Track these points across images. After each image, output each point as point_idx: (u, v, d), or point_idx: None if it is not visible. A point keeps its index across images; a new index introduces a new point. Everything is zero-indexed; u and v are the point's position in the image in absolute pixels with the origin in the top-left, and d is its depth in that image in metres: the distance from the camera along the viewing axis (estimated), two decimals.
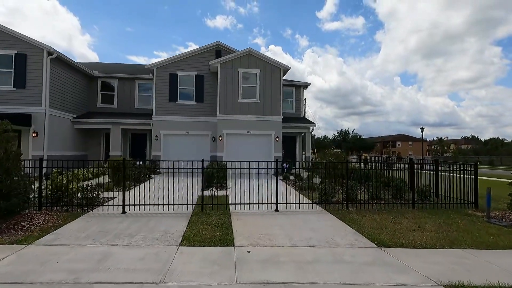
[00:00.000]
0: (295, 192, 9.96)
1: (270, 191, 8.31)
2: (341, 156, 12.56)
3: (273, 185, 8.37)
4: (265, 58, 16.72)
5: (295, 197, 8.58)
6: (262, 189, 8.17)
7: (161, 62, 17.00)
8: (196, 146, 17.33)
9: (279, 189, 8.06)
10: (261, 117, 16.62)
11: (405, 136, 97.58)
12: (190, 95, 17.42)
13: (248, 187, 8.69)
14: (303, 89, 20.72)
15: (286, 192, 9.12)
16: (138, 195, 8.30)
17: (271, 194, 8.13)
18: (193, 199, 8.37)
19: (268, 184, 8.81)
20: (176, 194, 8.08)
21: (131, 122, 17.27)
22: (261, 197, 8.29)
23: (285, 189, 10.03)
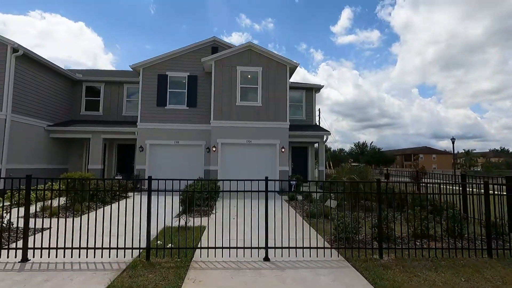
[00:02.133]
0: (301, 221, 7.02)
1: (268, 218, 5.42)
2: (365, 171, 9.52)
3: (275, 209, 5.48)
4: (268, 54, 14.11)
5: (300, 231, 5.63)
6: (258, 215, 5.32)
7: (148, 62, 14.74)
8: (187, 158, 14.69)
9: (279, 216, 5.23)
10: (264, 123, 13.85)
11: (428, 148, 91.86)
12: (182, 99, 14.96)
13: (240, 212, 5.82)
14: (315, 92, 17.87)
15: (289, 221, 6.18)
16: (79, 226, 5.57)
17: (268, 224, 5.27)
18: (157, 230, 5.58)
19: (269, 207, 5.89)
20: (136, 224, 5.26)
21: (113, 131, 14.93)
22: (254, 229, 5.37)
23: (289, 215, 7.09)
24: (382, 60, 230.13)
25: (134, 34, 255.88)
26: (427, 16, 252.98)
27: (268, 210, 5.14)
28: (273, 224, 5.31)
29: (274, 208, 5.53)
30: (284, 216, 7.14)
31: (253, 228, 5.34)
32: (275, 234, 5.33)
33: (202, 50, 15.08)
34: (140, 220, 4.97)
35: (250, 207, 5.44)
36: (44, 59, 13.72)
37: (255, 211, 5.43)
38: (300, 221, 7.36)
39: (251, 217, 5.39)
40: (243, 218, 5.68)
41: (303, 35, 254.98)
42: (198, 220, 7.61)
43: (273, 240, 5.27)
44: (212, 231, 5.96)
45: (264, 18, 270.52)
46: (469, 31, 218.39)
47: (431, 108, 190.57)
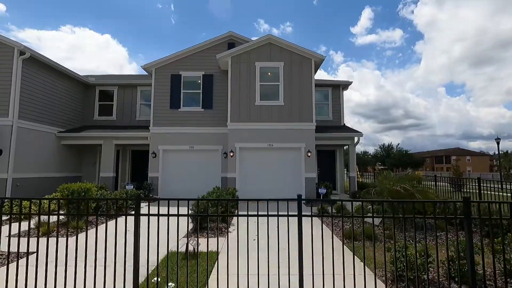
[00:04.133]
0: (341, 247, 5.35)
1: (295, 240, 3.84)
2: (417, 179, 7.67)
3: (303, 226, 3.86)
4: (290, 47, 12.63)
5: (341, 264, 3.95)
6: (284, 235, 3.79)
7: (161, 61, 13.71)
8: (203, 164, 13.44)
9: (310, 238, 3.66)
10: (287, 124, 12.32)
11: (461, 150, 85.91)
12: (196, 101, 13.78)
13: (262, 229, 4.30)
14: (343, 89, 16.11)
15: (323, 245, 4.34)
16: (64, 251, 4.30)
17: (295, 249, 3.74)
18: (158, 259, 4.15)
19: (295, 223, 4.20)
20: (141, 247, 3.89)
21: (125, 136, 14.01)
22: (281, 255, 3.80)
23: (320, 236, 5.37)
24: (405, 60, 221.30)
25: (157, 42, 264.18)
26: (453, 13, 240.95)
27: (301, 238, 3.61)
28: (307, 253, 3.77)
29: (300, 226, 3.93)
30: (317, 237, 5.32)
31: (281, 256, 3.81)
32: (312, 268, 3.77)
33: (218, 46, 13.85)
34: (163, 236, 3.60)
35: (274, 222, 3.87)
36: (53, 62, 13.07)
37: (282, 226, 3.86)
38: (339, 247, 5.66)
39: (279, 233, 3.81)
40: (262, 239, 4.12)
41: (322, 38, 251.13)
42: (212, 243, 6.21)
43: (311, 278, 3.73)
44: (224, 257, 4.40)
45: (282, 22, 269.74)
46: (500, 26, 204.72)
47: (460, 107, 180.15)
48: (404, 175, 7.93)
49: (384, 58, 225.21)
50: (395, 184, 7.35)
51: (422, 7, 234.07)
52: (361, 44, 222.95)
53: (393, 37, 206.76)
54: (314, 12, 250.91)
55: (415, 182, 7.62)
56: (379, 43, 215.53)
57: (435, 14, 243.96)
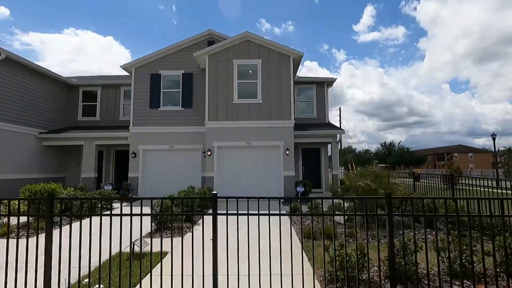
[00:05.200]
0: (298, 245, 5.16)
1: (265, 241, 3.70)
2: (382, 175, 7.49)
3: (270, 226, 3.68)
4: (268, 44, 12.47)
5: (289, 262, 3.78)
6: (244, 234, 3.67)
7: (140, 60, 13.64)
8: (184, 164, 13.34)
9: (270, 236, 3.51)
10: (265, 122, 12.18)
11: (463, 146, 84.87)
12: (176, 100, 13.68)
13: (231, 228, 4.16)
14: (327, 86, 15.90)
15: (281, 244, 4.12)
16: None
17: (262, 251, 3.64)
18: (100, 260, 3.96)
19: (266, 222, 3.96)
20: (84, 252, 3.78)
21: (106, 137, 13.96)
22: (232, 255, 3.69)
23: (286, 235, 5.13)
24: (409, 57, 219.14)
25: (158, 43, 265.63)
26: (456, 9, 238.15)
27: (216, 237, 3.48)
28: (256, 251, 3.65)
29: (268, 225, 3.79)
30: (276, 236, 5.08)
31: (232, 256, 3.70)
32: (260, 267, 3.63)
33: (198, 45, 13.72)
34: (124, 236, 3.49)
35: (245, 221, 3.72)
36: (32, 63, 13.06)
37: (245, 228, 3.72)
38: (296, 244, 5.49)
39: (238, 240, 3.70)
40: (224, 240, 3.95)
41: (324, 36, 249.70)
42: (166, 241, 6.11)
43: (246, 278, 3.60)
44: (175, 260, 4.24)
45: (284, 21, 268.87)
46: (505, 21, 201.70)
47: (464, 104, 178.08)
48: (369, 171, 7.72)
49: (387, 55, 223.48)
50: (358, 180, 7.17)
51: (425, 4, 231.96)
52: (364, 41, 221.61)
53: (396, 34, 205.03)
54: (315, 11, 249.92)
55: (383, 179, 7.42)
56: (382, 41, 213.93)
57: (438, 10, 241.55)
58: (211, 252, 3.55)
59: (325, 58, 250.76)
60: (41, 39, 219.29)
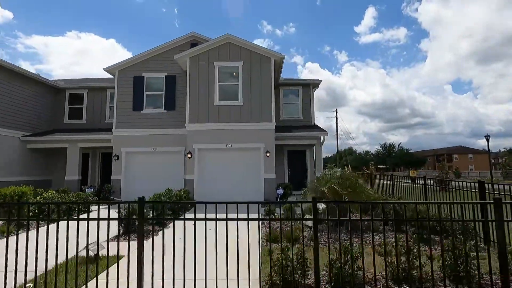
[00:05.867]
0: (256, 250, 4.96)
1: (232, 245, 3.81)
2: (352, 179, 7.40)
3: (238, 230, 3.65)
4: (249, 46, 12.47)
5: (243, 267, 3.73)
6: (220, 239, 3.67)
7: (123, 63, 13.69)
8: (166, 166, 13.33)
9: (238, 240, 3.48)
10: (246, 124, 12.15)
11: (464, 148, 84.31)
12: (159, 102, 13.69)
13: (199, 233, 4.10)
14: (313, 88, 15.87)
15: (238, 249, 3.99)
16: None
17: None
18: (56, 265, 3.96)
19: (233, 227, 3.93)
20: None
21: (90, 139, 13.99)
22: (189, 259, 3.69)
23: (252, 239, 5.00)
24: (410, 58, 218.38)
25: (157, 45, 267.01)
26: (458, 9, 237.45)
27: None
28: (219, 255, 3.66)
29: (236, 229, 3.78)
30: (243, 240, 4.84)
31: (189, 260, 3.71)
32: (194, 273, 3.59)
33: (182, 47, 13.74)
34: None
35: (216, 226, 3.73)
36: (15, 67, 13.15)
37: (212, 232, 3.72)
38: (254, 250, 5.36)
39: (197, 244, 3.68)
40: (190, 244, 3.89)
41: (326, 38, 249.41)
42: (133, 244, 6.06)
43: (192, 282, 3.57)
44: (134, 263, 4.16)
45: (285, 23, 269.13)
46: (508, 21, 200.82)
47: (467, 105, 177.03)
48: (339, 174, 7.67)
49: (389, 56, 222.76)
50: (325, 184, 7.12)
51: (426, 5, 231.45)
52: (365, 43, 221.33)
53: (398, 35, 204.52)
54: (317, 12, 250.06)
55: (350, 182, 7.35)
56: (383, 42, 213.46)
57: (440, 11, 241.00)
58: (172, 256, 3.57)
59: (327, 60, 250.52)
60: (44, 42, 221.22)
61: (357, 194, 7.22)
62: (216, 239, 3.71)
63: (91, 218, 3.70)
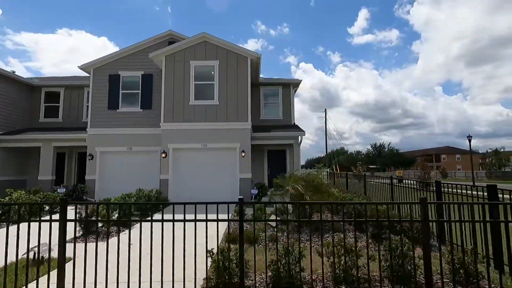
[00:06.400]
0: (204, 254, 4.88)
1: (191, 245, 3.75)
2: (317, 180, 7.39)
3: (206, 231, 3.66)
4: (226, 45, 12.38)
5: (188, 269, 3.66)
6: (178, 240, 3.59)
7: (99, 61, 13.45)
8: (142, 166, 13.14)
9: (201, 242, 3.36)
10: (222, 124, 12.06)
11: (451, 148, 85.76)
12: (136, 101, 13.50)
13: (167, 233, 3.94)
14: (293, 88, 15.86)
15: (196, 250, 3.86)
16: None
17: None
18: None
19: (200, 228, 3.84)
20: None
21: (64, 138, 13.72)
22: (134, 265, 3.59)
23: (210, 239, 4.83)
24: (402, 59, 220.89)
25: None
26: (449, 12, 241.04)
27: None
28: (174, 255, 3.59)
29: (206, 230, 3.72)
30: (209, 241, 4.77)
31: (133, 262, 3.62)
32: None
33: (159, 45, 13.56)
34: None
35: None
36: None
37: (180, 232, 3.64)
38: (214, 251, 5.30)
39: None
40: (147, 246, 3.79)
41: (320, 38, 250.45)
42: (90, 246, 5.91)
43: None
44: (83, 266, 3.99)
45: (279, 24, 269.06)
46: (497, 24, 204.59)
47: (457, 106, 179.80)
48: (305, 176, 7.65)
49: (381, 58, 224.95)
50: (289, 184, 7.09)
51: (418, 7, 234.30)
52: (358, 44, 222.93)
53: (390, 37, 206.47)
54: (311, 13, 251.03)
55: (315, 183, 7.33)
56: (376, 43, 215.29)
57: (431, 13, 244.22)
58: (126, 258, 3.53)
59: (320, 60, 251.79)
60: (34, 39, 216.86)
61: (321, 194, 7.21)
62: (184, 240, 3.67)
63: (43, 219, 3.59)
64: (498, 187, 4.63)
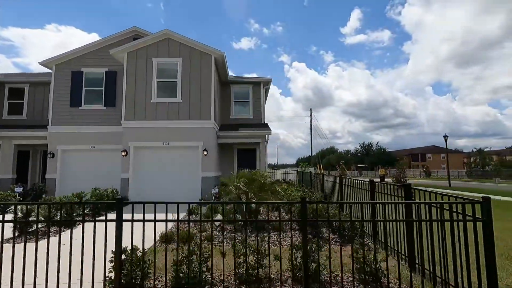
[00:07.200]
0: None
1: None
2: (260, 177, 7.36)
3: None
4: (189, 43, 12.21)
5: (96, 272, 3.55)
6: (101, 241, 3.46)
7: (61, 57, 13.13)
8: (105, 165, 12.89)
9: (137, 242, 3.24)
10: (184, 122, 11.92)
11: (437, 147, 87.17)
12: (99, 98, 13.22)
13: (98, 233, 3.85)
14: (264, 86, 15.79)
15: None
16: None
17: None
18: None
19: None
20: None
21: (24, 136, 13.40)
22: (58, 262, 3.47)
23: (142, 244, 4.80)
24: (394, 59, 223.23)
25: None
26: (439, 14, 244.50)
27: None
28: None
29: (142, 231, 3.70)
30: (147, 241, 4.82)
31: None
32: None
33: (123, 42, 13.30)
34: None
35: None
36: None
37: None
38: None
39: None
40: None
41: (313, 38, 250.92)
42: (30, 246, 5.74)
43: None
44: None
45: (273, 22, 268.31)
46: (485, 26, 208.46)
47: (447, 106, 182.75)
48: (246, 173, 7.59)
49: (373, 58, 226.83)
50: (230, 183, 7.02)
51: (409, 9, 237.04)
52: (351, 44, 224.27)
53: (382, 37, 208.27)
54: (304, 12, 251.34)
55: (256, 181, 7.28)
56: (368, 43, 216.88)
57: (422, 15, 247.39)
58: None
59: (313, 60, 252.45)
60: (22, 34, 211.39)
61: (266, 193, 7.18)
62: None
63: None
64: (412, 186, 4.65)
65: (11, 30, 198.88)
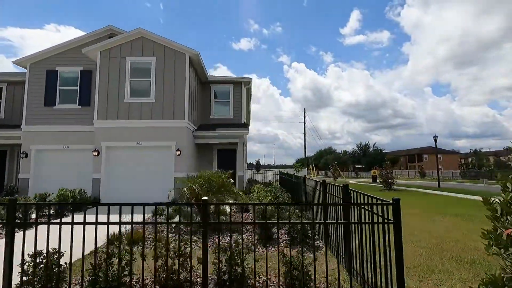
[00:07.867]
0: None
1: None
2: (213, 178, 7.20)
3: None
4: (163, 42, 12.07)
5: None
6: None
7: (35, 55, 12.97)
8: (79, 165, 12.71)
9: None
10: (158, 122, 11.77)
11: (434, 148, 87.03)
12: (73, 97, 13.06)
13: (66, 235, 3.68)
14: (244, 86, 15.64)
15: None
16: None
17: None
18: None
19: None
20: None
21: None
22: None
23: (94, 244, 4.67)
24: (393, 60, 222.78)
25: None
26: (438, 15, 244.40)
27: None
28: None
29: (95, 233, 3.61)
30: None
31: None
32: None
33: (98, 40, 13.12)
34: None
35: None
36: None
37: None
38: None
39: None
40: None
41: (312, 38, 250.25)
42: None
43: None
44: None
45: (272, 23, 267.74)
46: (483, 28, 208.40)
47: (445, 107, 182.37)
48: (204, 174, 7.44)
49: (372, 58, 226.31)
50: (194, 183, 6.90)
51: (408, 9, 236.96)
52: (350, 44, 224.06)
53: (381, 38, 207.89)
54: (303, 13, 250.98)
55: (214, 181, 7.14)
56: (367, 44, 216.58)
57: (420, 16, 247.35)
58: None
59: (313, 60, 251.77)
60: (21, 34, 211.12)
61: (221, 195, 7.03)
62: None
63: None
64: (349, 188, 4.50)
65: (10, 30, 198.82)
